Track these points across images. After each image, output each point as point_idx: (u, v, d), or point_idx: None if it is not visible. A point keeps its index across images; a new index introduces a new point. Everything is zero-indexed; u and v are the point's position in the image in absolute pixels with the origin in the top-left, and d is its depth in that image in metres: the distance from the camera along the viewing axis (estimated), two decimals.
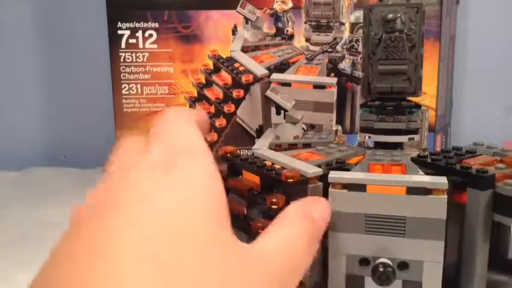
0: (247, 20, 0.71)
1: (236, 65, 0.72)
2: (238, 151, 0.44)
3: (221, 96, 0.72)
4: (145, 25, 0.71)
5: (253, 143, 0.74)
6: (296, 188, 0.34)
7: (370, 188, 0.32)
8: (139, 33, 0.71)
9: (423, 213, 0.32)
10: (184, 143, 0.24)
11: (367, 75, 0.43)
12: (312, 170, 0.35)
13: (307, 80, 0.67)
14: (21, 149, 0.82)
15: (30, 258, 0.34)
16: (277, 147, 0.48)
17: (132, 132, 0.71)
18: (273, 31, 0.72)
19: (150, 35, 0.71)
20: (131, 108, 0.72)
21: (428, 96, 0.74)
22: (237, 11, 0.71)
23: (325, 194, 0.34)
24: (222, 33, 0.72)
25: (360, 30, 0.73)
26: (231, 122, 0.73)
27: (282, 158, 0.40)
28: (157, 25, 0.71)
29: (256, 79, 0.72)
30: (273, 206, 0.33)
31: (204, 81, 0.72)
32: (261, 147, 0.47)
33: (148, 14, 0.70)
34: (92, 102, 0.80)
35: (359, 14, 0.72)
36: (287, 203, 0.31)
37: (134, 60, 0.71)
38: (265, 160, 0.40)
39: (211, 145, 0.73)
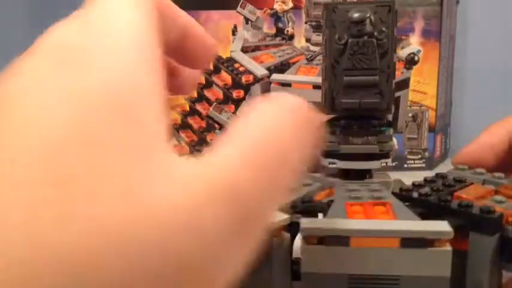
0: (247, 20, 0.70)
1: (236, 65, 0.71)
2: None
3: (221, 96, 0.72)
4: None
5: None
6: None
7: (354, 241, 0.25)
8: None
9: (422, 270, 0.25)
10: None
11: (331, 88, 0.36)
12: (276, 218, 0.27)
13: (308, 81, 0.67)
14: None
15: None
16: None
17: None
18: (273, 31, 0.71)
19: None
20: None
21: (428, 97, 0.74)
22: (237, 11, 0.70)
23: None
24: (222, 33, 0.71)
25: None
26: None
27: None
28: None
29: (256, 79, 0.71)
30: None
31: (204, 82, 0.71)
32: None
33: None
34: None
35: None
36: None
37: None
38: None
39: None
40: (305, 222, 0.26)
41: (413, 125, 0.74)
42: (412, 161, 0.75)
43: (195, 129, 0.72)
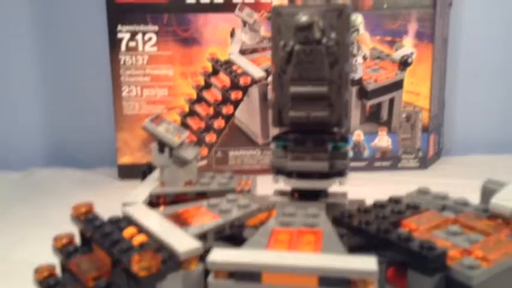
0: (245, 23, 0.71)
1: (234, 67, 0.71)
2: (94, 212, 0.32)
3: (220, 98, 0.72)
4: (145, 28, 0.70)
5: (252, 145, 0.74)
6: (152, 282, 0.22)
7: (267, 277, 0.22)
8: (139, 36, 0.70)
9: None
10: None
11: (277, 100, 0.33)
12: (185, 248, 0.24)
13: None
14: (23, 150, 0.81)
15: (30, 259, 0.34)
16: (159, 199, 0.38)
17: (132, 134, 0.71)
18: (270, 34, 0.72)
19: (150, 38, 0.70)
20: (131, 111, 0.71)
21: (421, 97, 0.74)
22: (235, 15, 0.70)
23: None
24: (221, 36, 0.71)
25: (355, 33, 0.72)
26: (229, 123, 0.73)
27: (155, 223, 0.30)
28: (157, 28, 0.70)
29: (254, 81, 0.71)
30: None
31: (203, 84, 0.72)
32: (135, 200, 0.36)
33: (148, 17, 0.69)
34: (93, 104, 0.79)
35: (354, 17, 0.71)
36: None
37: (134, 63, 0.71)
38: (129, 225, 0.29)
39: (210, 145, 0.72)
40: (214, 254, 0.23)
41: (407, 125, 0.75)
42: (406, 161, 0.75)
43: (194, 130, 0.72)
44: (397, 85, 0.73)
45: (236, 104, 0.72)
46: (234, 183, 0.40)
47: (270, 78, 0.69)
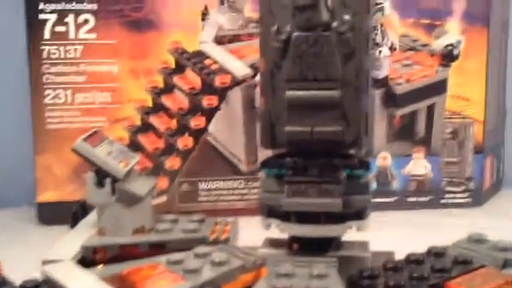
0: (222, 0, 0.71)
1: (207, 62, 0.71)
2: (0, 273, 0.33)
3: (186, 105, 0.72)
4: (79, 6, 0.70)
5: (232, 174, 0.74)
6: None
7: None
8: (70, 18, 0.70)
9: None
10: None
11: (268, 110, 0.33)
12: None
13: None
14: None
15: None
16: (96, 254, 0.38)
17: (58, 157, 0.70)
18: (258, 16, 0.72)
19: (86, 21, 0.70)
20: (57, 124, 0.71)
21: (473, 104, 0.75)
22: None
23: None
24: (188, 17, 0.71)
25: (379, 14, 0.73)
26: (199, 141, 0.73)
27: None
28: (95, 6, 0.70)
29: (236, 81, 0.71)
30: None
31: (162, 85, 0.72)
32: (60, 256, 0.36)
33: None
34: (0, 115, 0.78)
35: None
36: None
37: (63, 55, 0.71)
38: None
39: (172, 174, 0.72)
40: None
41: (453, 144, 0.75)
42: (453, 195, 0.76)
43: (149, 152, 0.72)
44: (439, 87, 0.74)
45: (210, 114, 0.72)
46: (206, 230, 0.40)
47: (258, 78, 0.69)
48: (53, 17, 0.70)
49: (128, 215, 0.40)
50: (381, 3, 0.73)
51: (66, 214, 0.44)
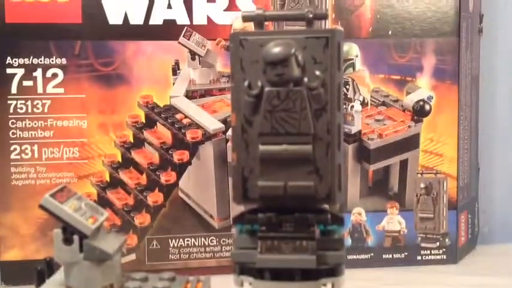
0: (193, 54, 0.72)
1: (178, 116, 0.72)
2: None
3: (157, 160, 0.72)
4: (48, 61, 0.70)
5: (204, 230, 0.73)
6: None
7: None
8: (38, 73, 0.70)
9: None
10: None
11: (240, 164, 0.33)
12: None
13: None
14: None
15: None
16: None
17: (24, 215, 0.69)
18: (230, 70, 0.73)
19: (55, 75, 0.70)
20: (23, 181, 0.70)
21: (446, 160, 0.76)
22: (179, 43, 0.72)
23: None
24: (159, 72, 0.72)
25: (350, 69, 0.75)
26: (170, 197, 0.72)
27: None
28: (64, 61, 0.70)
29: (207, 136, 0.72)
30: None
31: (131, 140, 0.72)
32: None
33: (51, 46, 0.70)
34: None
35: (347, 47, 0.74)
36: None
37: (30, 110, 0.70)
38: None
39: (142, 230, 0.71)
40: None
41: (427, 199, 0.76)
42: (428, 251, 0.76)
43: (118, 208, 0.71)
44: (411, 142, 0.75)
45: (181, 169, 0.72)
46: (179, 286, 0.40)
47: (229, 132, 0.69)
48: (20, 72, 0.70)
49: (96, 273, 0.39)
50: (351, 59, 0.74)
51: (31, 273, 0.43)
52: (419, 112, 0.75)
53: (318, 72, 0.33)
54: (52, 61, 0.70)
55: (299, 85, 0.32)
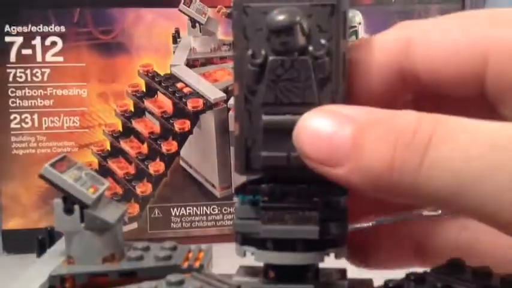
0: (194, 22, 0.72)
1: (179, 85, 0.72)
2: None
3: (157, 129, 0.72)
4: (47, 29, 0.70)
5: (206, 199, 0.74)
6: None
7: None
8: (37, 41, 0.70)
9: None
10: None
11: (243, 134, 0.33)
12: None
13: None
14: None
15: None
16: (65, 283, 0.38)
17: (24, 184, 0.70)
18: (231, 38, 0.73)
19: (54, 44, 0.70)
20: (23, 150, 0.70)
21: None
22: (179, 10, 0.71)
23: None
24: (159, 40, 0.72)
25: (353, 37, 0.74)
26: (171, 166, 0.73)
27: None
28: (63, 29, 0.70)
29: (209, 105, 0.72)
30: None
31: (132, 109, 0.72)
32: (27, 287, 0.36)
33: (50, 14, 0.70)
34: None
35: (350, 14, 0.74)
36: None
37: (29, 79, 0.70)
38: None
39: (144, 199, 0.72)
40: None
41: None
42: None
43: (120, 178, 0.71)
44: None
45: (182, 138, 0.72)
46: (179, 258, 0.40)
47: (231, 102, 0.69)
48: (19, 40, 0.70)
49: (97, 242, 0.39)
50: (354, 27, 0.74)
51: (32, 242, 0.43)
52: None
53: (323, 41, 0.32)
54: (51, 29, 0.70)
55: (304, 54, 0.32)
